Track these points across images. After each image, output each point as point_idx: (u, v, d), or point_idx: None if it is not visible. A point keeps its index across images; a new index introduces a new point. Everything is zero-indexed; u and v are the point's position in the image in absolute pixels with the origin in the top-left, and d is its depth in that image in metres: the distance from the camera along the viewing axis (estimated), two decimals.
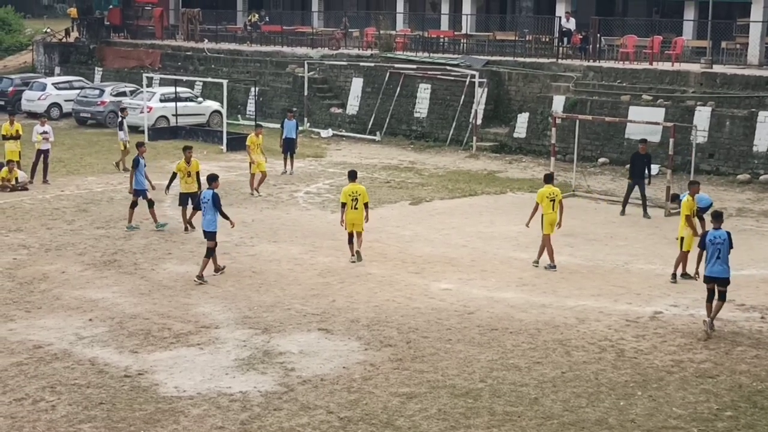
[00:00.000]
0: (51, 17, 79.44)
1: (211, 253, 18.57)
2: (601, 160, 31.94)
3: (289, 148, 30.34)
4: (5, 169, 27.34)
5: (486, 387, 13.56)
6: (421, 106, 38.33)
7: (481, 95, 36.13)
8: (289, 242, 21.69)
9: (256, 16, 52.80)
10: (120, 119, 31.82)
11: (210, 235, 18.49)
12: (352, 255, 20.06)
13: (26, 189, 27.20)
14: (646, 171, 24.90)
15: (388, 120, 38.91)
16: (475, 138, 35.52)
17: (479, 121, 36.00)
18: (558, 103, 33.90)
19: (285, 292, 17.93)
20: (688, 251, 18.50)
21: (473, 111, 35.94)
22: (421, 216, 24.71)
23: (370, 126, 39.34)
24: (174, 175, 22.74)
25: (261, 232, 22.68)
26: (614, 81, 34.28)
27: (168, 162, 31.12)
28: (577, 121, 28.85)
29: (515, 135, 35.20)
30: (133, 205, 22.66)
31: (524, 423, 12.40)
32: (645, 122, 29.53)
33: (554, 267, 19.58)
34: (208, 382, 13.60)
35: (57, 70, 53.80)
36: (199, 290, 17.97)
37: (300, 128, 39.51)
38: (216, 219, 18.53)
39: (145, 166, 22.91)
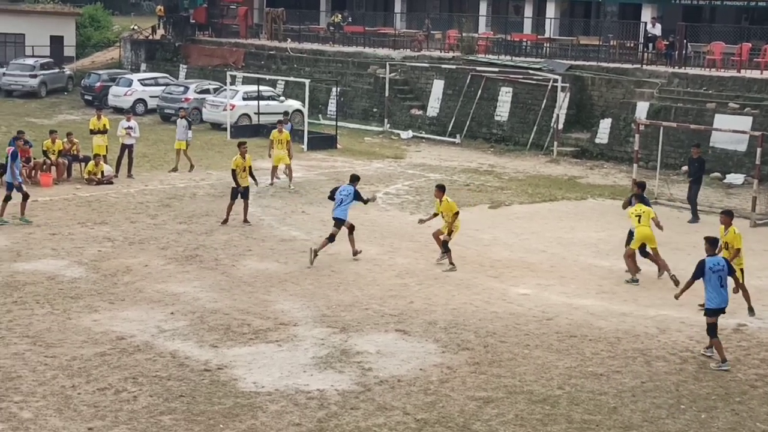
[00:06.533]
0: (138, 15, 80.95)
1: (333, 238, 20.27)
2: (685, 168, 31.34)
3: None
4: (92, 162, 27.92)
5: (564, 394, 13.43)
6: (502, 110, 38.14)
7: (563, 100, 35.81)
8: (368, 242, 21.74)
9: (339, 16, 53.14)
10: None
11: (339, 222, 20.30)
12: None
13: (111, 183, 27.74)
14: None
15: (468, 123, 38.80)
16: (556, 143, 35.24)
17: (561, 126, 35.71)
18: (641, 109, 33.45)
19: (363, 292, 17.99)
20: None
21: (555, 115, 35.65)
22: (500, 220, 24.58)
23: (450, 128, 39.28)
24: (234, 172, 23.11)
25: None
26: (700, 88, 33.67)
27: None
28: (661, 128, 28.38)
29: (597, 141, 34.83)
30: (7, 198, 22.52)
31: None
32: (731, 131, 28.98)
33: None
34: (286, 379, 13.69)
35: (143, 66, 54.84)
36: (279, 287, 18.11)
37: (380, 129, 39.89)
38: (347, 210, 20.31)
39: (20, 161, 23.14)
